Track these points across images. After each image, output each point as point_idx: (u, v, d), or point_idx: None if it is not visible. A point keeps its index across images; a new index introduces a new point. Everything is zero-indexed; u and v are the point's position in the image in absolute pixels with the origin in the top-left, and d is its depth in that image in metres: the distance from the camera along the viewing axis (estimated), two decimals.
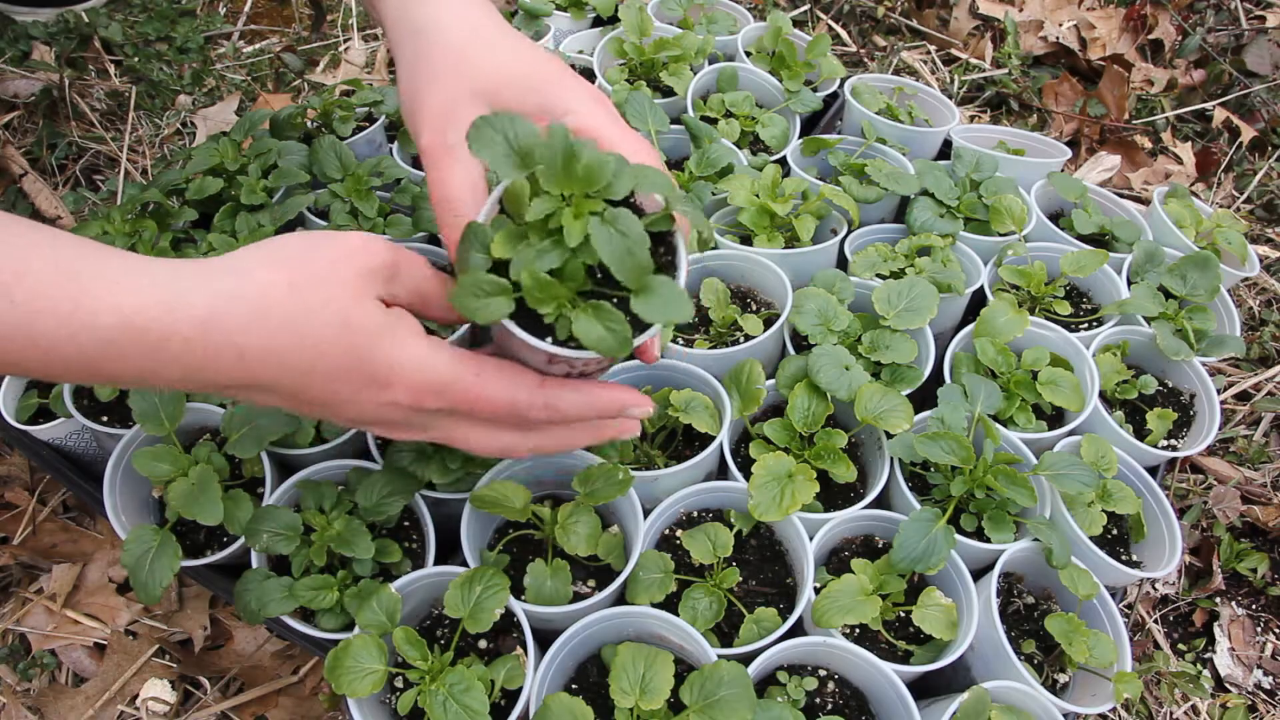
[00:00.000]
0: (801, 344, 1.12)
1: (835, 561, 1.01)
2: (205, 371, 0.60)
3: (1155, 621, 1.24)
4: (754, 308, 1.21)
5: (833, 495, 1.05)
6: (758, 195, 1.23)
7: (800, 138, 1.41)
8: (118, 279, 0.57)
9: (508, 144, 0.64)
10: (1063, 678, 0.97)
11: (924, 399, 1.09)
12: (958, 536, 0.94)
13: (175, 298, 0.57)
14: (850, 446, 1.05)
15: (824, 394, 1.03)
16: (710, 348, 1.11)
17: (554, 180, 0.63)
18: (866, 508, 0.99)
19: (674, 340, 1.13)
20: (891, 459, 1.03)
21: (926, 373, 1.10)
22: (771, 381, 1.08)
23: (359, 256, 0.64)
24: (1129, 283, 1.28)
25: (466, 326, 1.05)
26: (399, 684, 0.89)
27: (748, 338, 1.14)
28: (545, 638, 0.88)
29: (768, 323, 1.14)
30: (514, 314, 0.65)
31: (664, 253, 0.70)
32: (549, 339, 0.66)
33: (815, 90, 1.50)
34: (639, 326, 0.66)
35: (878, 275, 1.21)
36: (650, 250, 0.63)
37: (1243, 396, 1.46)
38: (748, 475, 0.97)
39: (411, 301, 0.69)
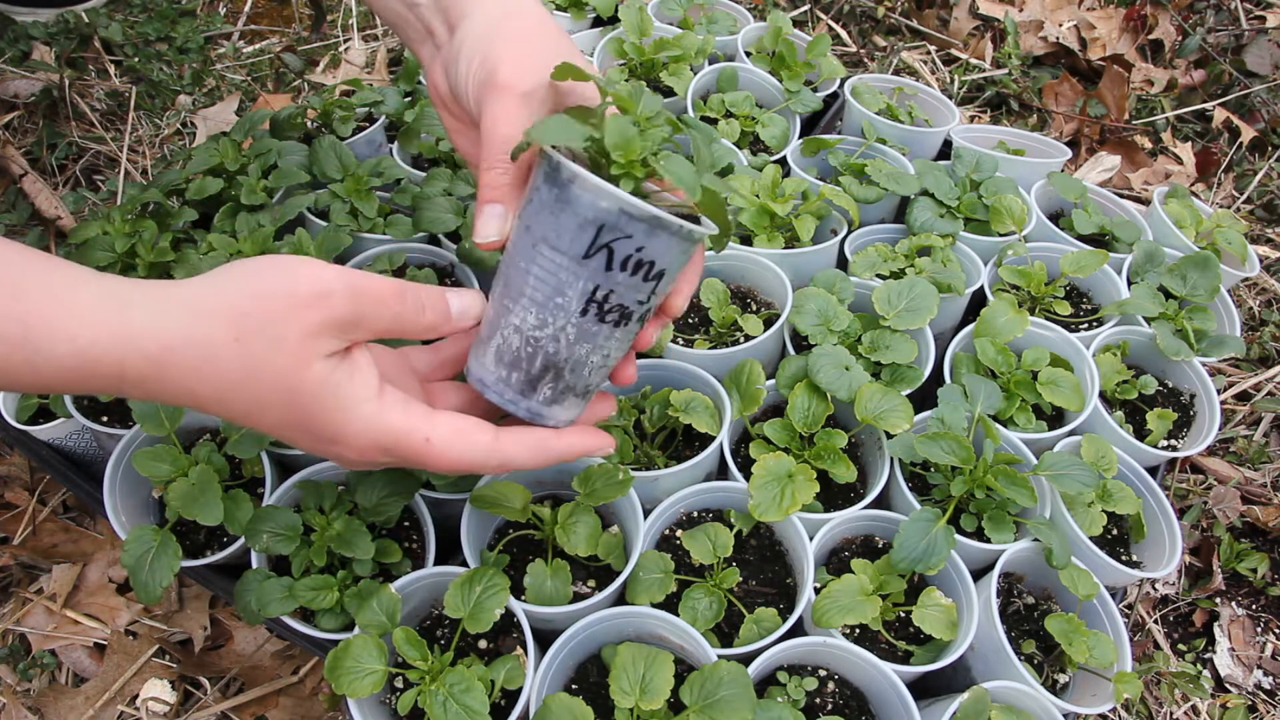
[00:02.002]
0: (801, 344, 1.12)
1: (835, 561, 1.01)
2: (163, 399, 0.62)
3: (1155, 621, 1.24)
4: (754, 308, 1.21)
5: (833, 495, 1.05)
6: (758, 195, 1.23)
7: (800, 138, 1.41)
8: (66, 300, 0.56)
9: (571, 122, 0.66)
10: (1063, 678, 0.97)
11: (924, 399, 1.09)
12: (958, 536, 0.94)
13: (126, 331, 0.58)
14: (850, 446, 1.05)
15: (824, 394, 1.03)
16: (710, 348, 1.11)
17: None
18: (866, 508, 0.99)
19: (674, 340, 1.13)
20: (891, 459, 1.03)
21: (926, 373, 1.10)
22: (771, 381, 1.08)
23: (310, 312, 0.61)
24: (1129, 283, 1.28)
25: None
26: (399, 684, 0.89)
27: (748, 338, 1.14)
28: (545, 638, 0.88)
29: (768, 323, 1.14)
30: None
31: None
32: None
33: (815, 90, 1.50)
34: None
35: (878, 275, 1.21)
36: None
37: (1243, 396, 1.46)
38: (748, 475, 0.97)
39: (376, 337, 0.67)
